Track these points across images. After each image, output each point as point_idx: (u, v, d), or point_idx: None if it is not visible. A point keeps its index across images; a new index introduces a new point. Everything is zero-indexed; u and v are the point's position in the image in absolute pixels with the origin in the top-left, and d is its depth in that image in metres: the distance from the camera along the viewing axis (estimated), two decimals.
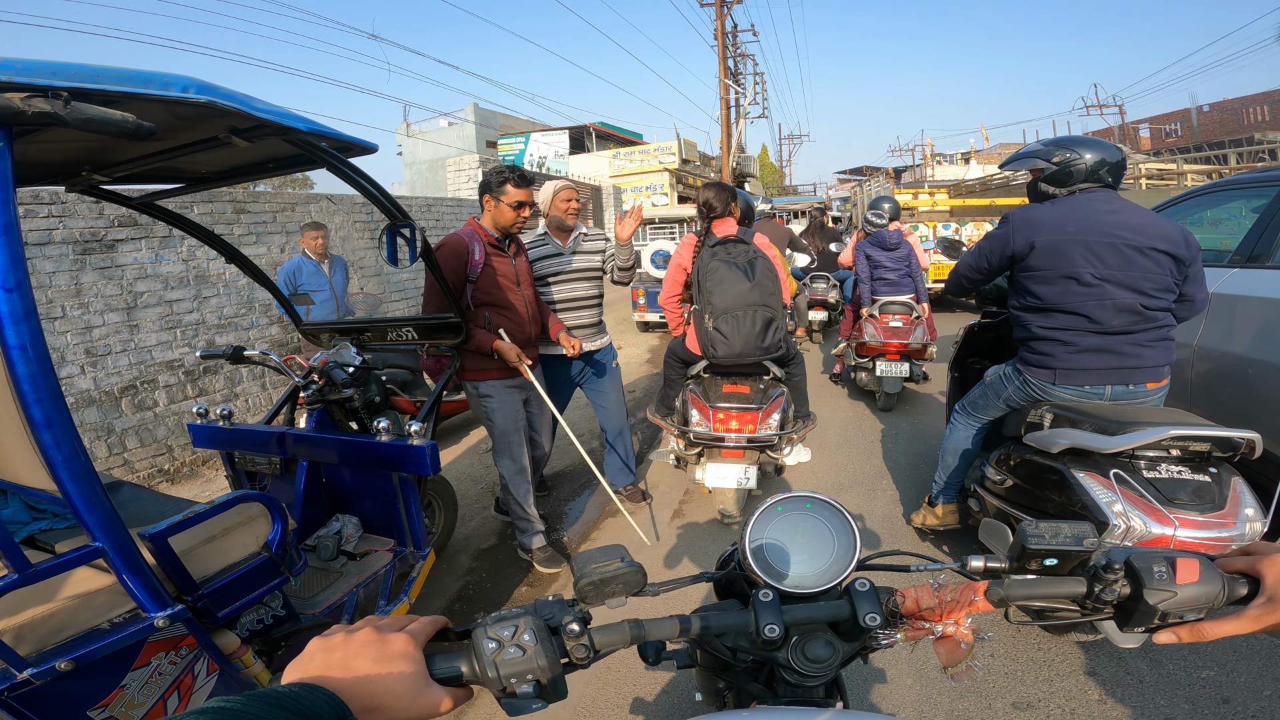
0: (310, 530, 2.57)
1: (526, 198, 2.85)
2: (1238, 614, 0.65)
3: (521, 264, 3.04)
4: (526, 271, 3.07)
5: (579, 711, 2.19)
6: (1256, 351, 2.74)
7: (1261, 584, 0.64)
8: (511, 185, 2.82)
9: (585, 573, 0.72)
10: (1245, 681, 2.11)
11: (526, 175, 2.87)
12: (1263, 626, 0.64)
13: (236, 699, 0.48)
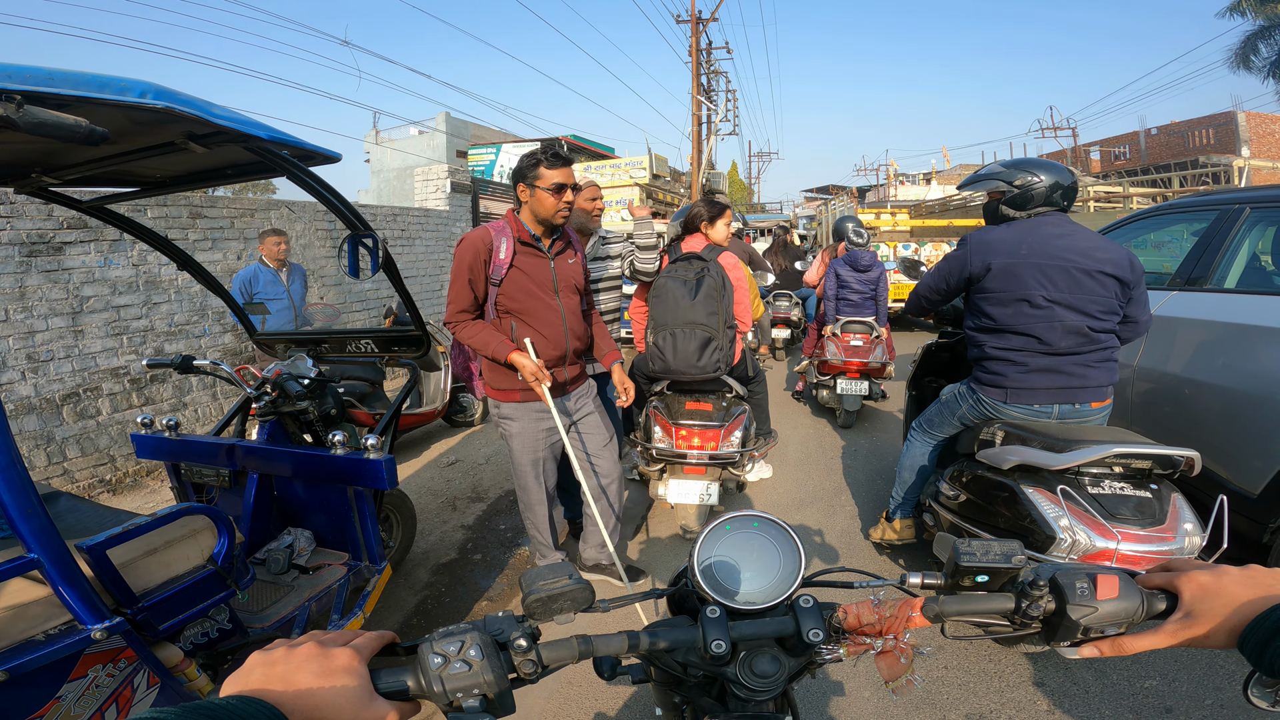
0: (260, 544, 2.52)
1: (566, 179, 2.41)
2: (1156, 628, 0.66)
3: (565, 266, 2.60)
4: (572, 275, 2.62)
5: None
6: (1193, 372, 2.86)
7: (1179, 600, 0.66)
8: (544, 166, 2.39)
9: (533, 589, 0.73)
10: (1187, 691, 2.18)
11: (561, 153, 2.44)
12: (1179, 641, 0.65)
13: (170, 710, 0.47)
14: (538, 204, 2.43)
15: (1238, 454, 2.63)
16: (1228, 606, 0.61)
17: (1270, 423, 2.48)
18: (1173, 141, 24.08)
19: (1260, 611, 0.58)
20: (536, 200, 2.43)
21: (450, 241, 9.11)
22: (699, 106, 21.62)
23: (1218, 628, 0.62)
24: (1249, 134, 21.56)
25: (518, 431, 2.63)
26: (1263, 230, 3.06)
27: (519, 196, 2.48)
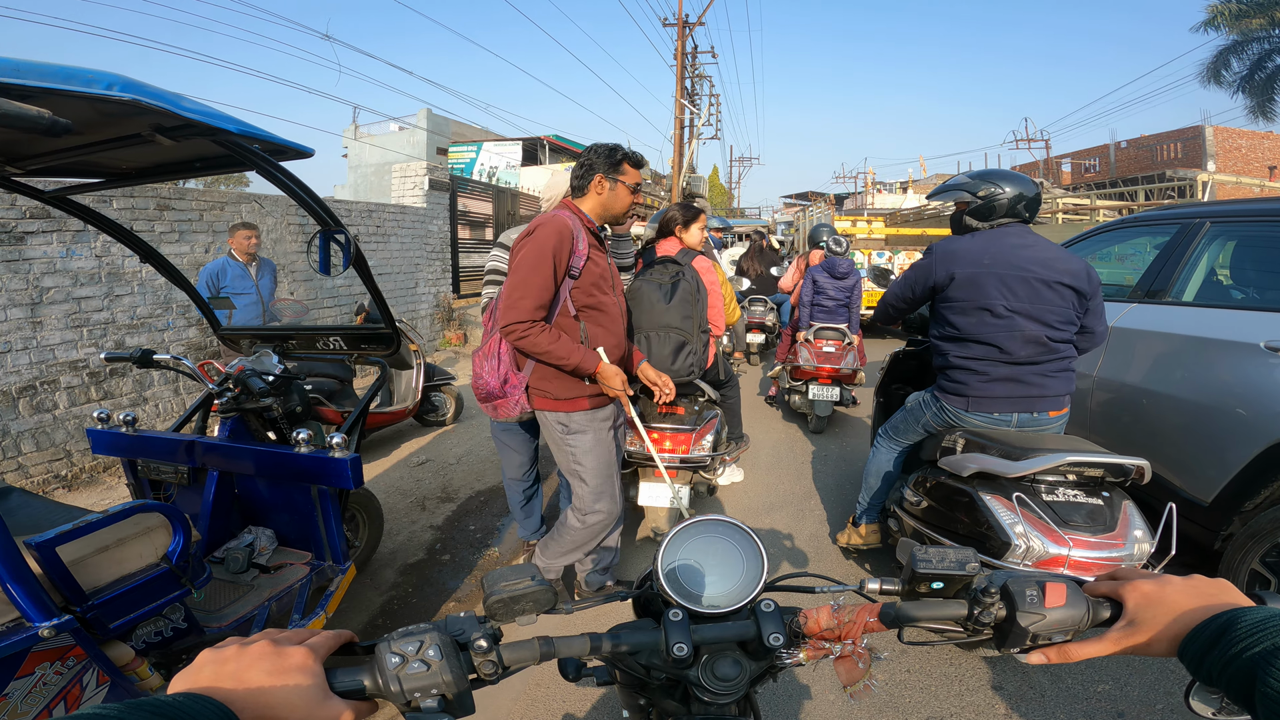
0: (220, 542, 2.47)
1: (641, 182, 2.40)
2: (1100, 636, 0.67)
3: (613, 265, 2.54)
4: (616, 273, 2.56)
5: None
6: (1151, 383, 2.94)
7: (1123, 608, 0.66)
8: (629, 164, 2.34)
9: (495, 590, 0.73)
10: (1138, 696, 2.23)
11: (636, 155, 2.38)
12: (1121, 648, 0.65)
13: (114, 707, 0.47)
14: (614, 199, 2.36)
15: (1192, 463, 2.70)
16: (1169, 615, 0.62)
17: (1223, 433, 2.55)
18: (1141, 155, 24.64)
19: (1200, 621, 0.59)
20: (614, 195, 2.35)
21: (427, 239, 9.02)
22: (682, 110, 21.71)
23: (1159, 636, 0.62)
24: (1216, 149, 22.15)
25: (593, 444, 2.38)
26: (1221, 244, 3.16)
27: (591, 188, 2.34)
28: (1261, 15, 18.03)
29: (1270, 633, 0.53)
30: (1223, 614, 0.57)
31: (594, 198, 2.36)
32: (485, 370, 2.39)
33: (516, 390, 2.36)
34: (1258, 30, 18.56)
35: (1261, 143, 22.73)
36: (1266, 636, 0.52)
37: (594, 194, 2.35)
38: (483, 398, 2.44)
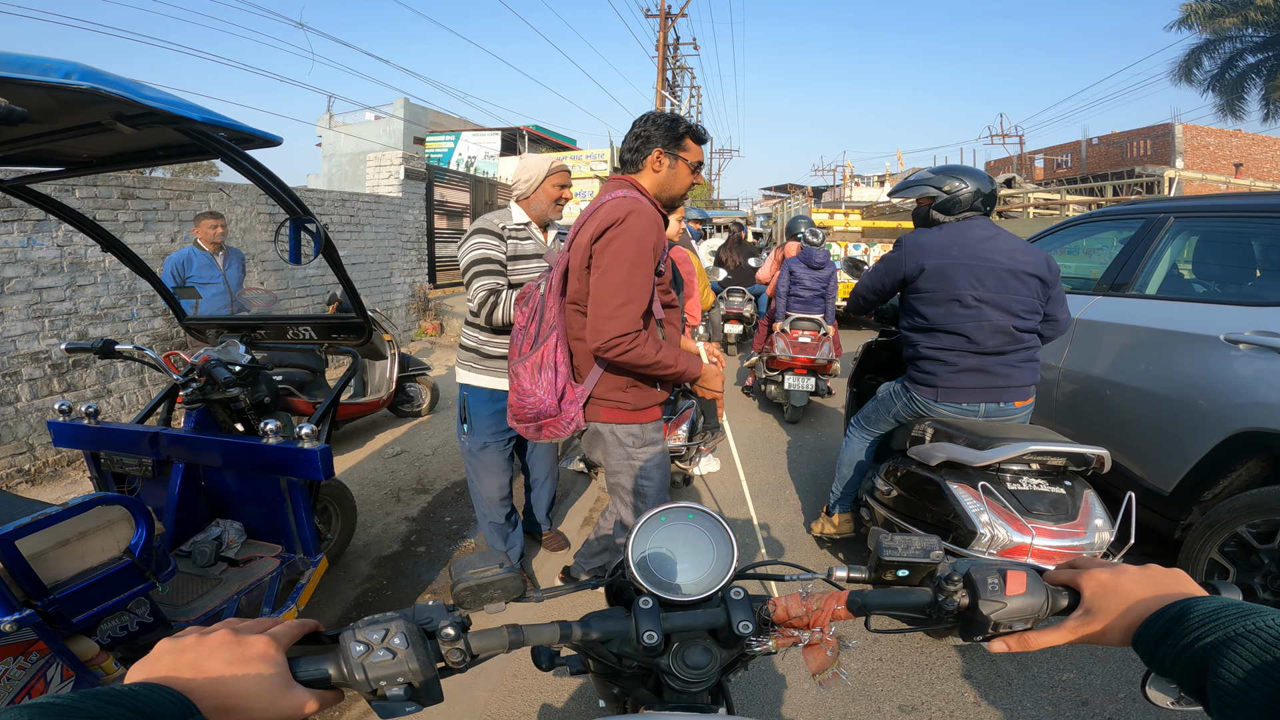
0: (186, 535, 2.44)
1: (703, 161, 2.12)
2: (1058, 625, 0.67)
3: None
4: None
5: (485, 718, 2.15)
6: (1114, 374, 3.00)
7: (1081, 597, 0.67)
8: (691, 139, 2.02)
9: (462, 578, 0.73)
10: (1101, 685, 2.28)
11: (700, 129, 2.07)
12: (1078, 637, 0.66)
13: (69, 696, 0.46)
14: (673, 179, 2.01)
15: (1153, 453, 2.77)
16: (1123, 604, 0.62)
17: (1184, 424, 2.62)
18: (1112, 151, 25.06)
19: (1154, 611, 0.59)
20: (674, 174, 2.01)
21: (402, 229, 8.92)
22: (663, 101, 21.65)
23: (1114, 625, 0.63)
24: (1184, 146, 22.59)
25: (661, 456, 2.12)
26: (1184, 239, 3.23)
27: (648, 164, 2.00)
28: (1235, 14, 18.36)
29: (1222, 623, 0.52)
30: (1176, 604, 0.58)
31: (650, 175, 2.01)
32: (541, 385, 1.94)
33: (575, 405, 1.97)
34: (1230, 29, 18.91)
35: (1229, 140, 23.24)
36: (1219, 627, 0.52)
37: (650, 171, 2.00)
38: (530, 418, 2.00)
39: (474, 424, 2.72)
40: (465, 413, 2.74)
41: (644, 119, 2.01)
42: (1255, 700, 0.47)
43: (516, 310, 2.10)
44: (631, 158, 2.02)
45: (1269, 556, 2.29)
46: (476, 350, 2.66)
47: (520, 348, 2.02)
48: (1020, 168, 28.27)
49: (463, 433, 2.77)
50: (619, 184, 2.00)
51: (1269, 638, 0.49)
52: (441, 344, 8.86)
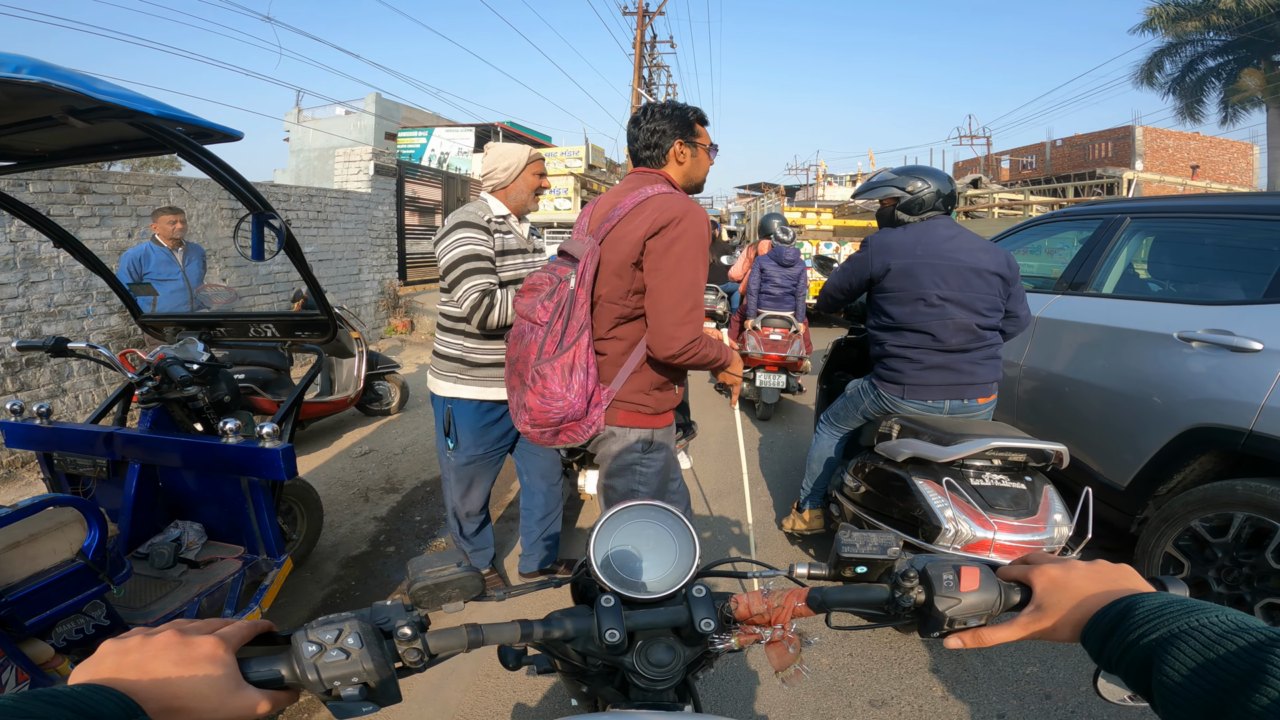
0: (144, 537, 2.39)
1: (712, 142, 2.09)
2: (1011, 621, 0.67)
3: None
4: None
5: (457, 718, 2.14)
6: (1072, 371, 3.07)
7: (1032, 592, 0.67)
8: (700, 124, 1.99)
9: (419, 577, 0.72)
10: (1063, 678, 2.32)
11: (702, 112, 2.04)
12: (1029, 633, 0.65)
13: (10, 697, 0.46)
14: (696, 166, 1.99)
15: (1110, 449, 2.84)
16: (1072, 600, 0.62)
17: (1139, 420, 2.68)
18: (1075, 153, 25.69)
19: (1100, 607, 0.59)
20: (696, 162, 1.98)
21: (372, 225, 8.79)
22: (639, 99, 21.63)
23: (1063, 621, 0.62)
24: (1144, 148, 23.23)
25: (665, 462, 2.03)
26: (1140, 239, 3.31)
27: (672, 157, 1.95)
28: (1197, 18, 18.81)
29: (1166, 619, 0.52)
30: (1122, 600, 0.58)
31: (675, 167, 1.96)
32: (572, 389, 1.80)
33: (599, 408, 1.89)
34: (1192, 33, 19.37)
35: (1187, 143, 23.95)
36: (1163, 623, 0.52)
37: (675, 163, 1.96)
38: (552, 423, 1.85)
39: (461, 439, 2.51)
40: (451, 428, 2.52)
41: (650, 113, 1.96)
42: (1197, 697, 0.47)
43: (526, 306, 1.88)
44: (652, 154, 1.96)
45: (1222, 550, 2.35)
46: (461, 360, 2.44)
47: (543, 347, 1.80)
48: (987, 168, 28.84)
49: (447, 449, 2.56)
50: (650, 178, 1.93)
51: (1211, 635, 0.49)
52: (412, 341, 8.76)
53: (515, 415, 1.93)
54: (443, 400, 2.52)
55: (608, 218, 1.86)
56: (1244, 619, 0.50)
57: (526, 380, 1.83)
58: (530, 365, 1.81)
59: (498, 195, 2.48)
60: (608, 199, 1.94)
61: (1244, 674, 0.45)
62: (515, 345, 1.91)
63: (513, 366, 1.93)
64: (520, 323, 1.89)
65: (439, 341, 2.53)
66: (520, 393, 1.87)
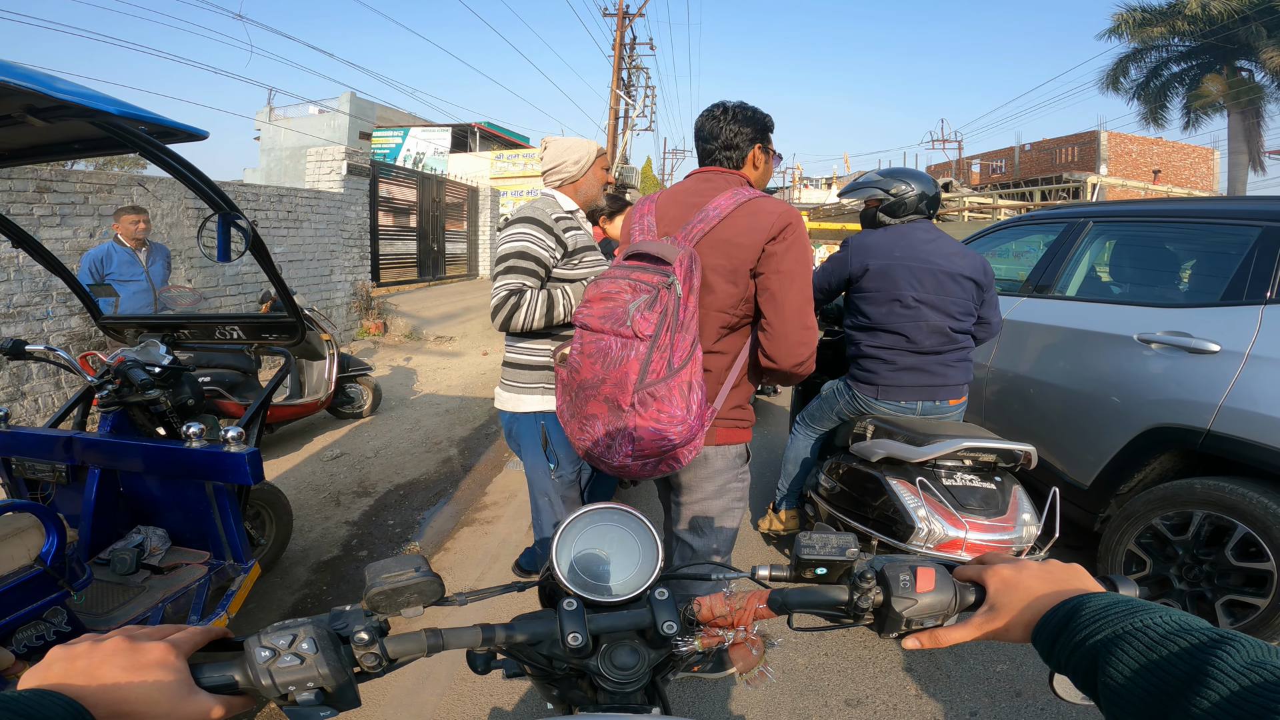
0: (105, 543, 2.34)
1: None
2: (966, 621, 0.67)
3: None
4: None
5: None
6: (1037, 372, 3.13)
7: (986, 592, 0.67)
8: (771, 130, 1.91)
9: (376, 582, 0.71)
10: (1033, 675, 2.34)
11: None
12: (983, 633, 0.65)
13: None
14: (766, 174, 1.92)
15: (1073, 449, 2.89)
16: (1023, 600, 0.62)
17: (1100, 420, 2.74)
18: (1042, 157, 26.26)
19: (1050, 607, 0.59)
20: (767, 170, 1.92)
21: (344, 225, 8.67)
22: (617, 101, 21.63)
23: (1014, 621, 0.63)
24: (1109, 153, 23.81)
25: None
26: (1103, 243, 3.39)
27: (750, 161, 1.85)
28: (1163, 24, 19.23)
29: (1111, 620, 0.53)
30: (1070, 600, 0.58)
31: (751, 171, 1.86)
32: (692, 409, 1.60)
33: (704, 429, 1.71)
34: (1158, 39, 19.81)
35: (1150, 148, 24.60)
36: (1108, 624, 0.52)
37: (751, 167, 1.85)
38: (665, 450, 1.61)
39: (562, 455, 2.26)
40: (547, 446, 2.25)
41: (730, 114, 1.83)
42: (1140, 699, 0.47)
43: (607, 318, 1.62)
44: (731, 155, 1.84)
45: (1182, 548, 2.40)
46: (550, 368, 2.17)
47: (649, 365, 1.57)
48: (958, 172, 29.35)
49: (549, 469, 2.28)
50: (733, 179, 1.81)
51: (1154, 636, 0.49)
52: (385, 344, 8.66)
53: (605, 449, 1.66)
54: (534, 416, 2.22)
55: (698, 219, 1.71)
56: (1187, 620, 0.50)
57: (625, 404, 1.57)
58: (630, 387, 1.56)
59: (566, 190, 2.28)
60: (682, 197, 1.80)
61: (1186, 676, 0.45)
62: (593, 365, 1.62)
63: (593, 391, 1.64)
64: (601, 339, 1.62)
65: (516, 350, 2.25)
66: (614, 420, 1.61)
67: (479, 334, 9.72)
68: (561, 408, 1.81)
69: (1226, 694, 0.42)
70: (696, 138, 1.88)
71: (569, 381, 1.74)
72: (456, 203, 13.50)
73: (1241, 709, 0.41)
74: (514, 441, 2.34)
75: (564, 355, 1.80)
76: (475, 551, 3.29)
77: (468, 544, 3.41)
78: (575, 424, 1.73)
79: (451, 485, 4.22)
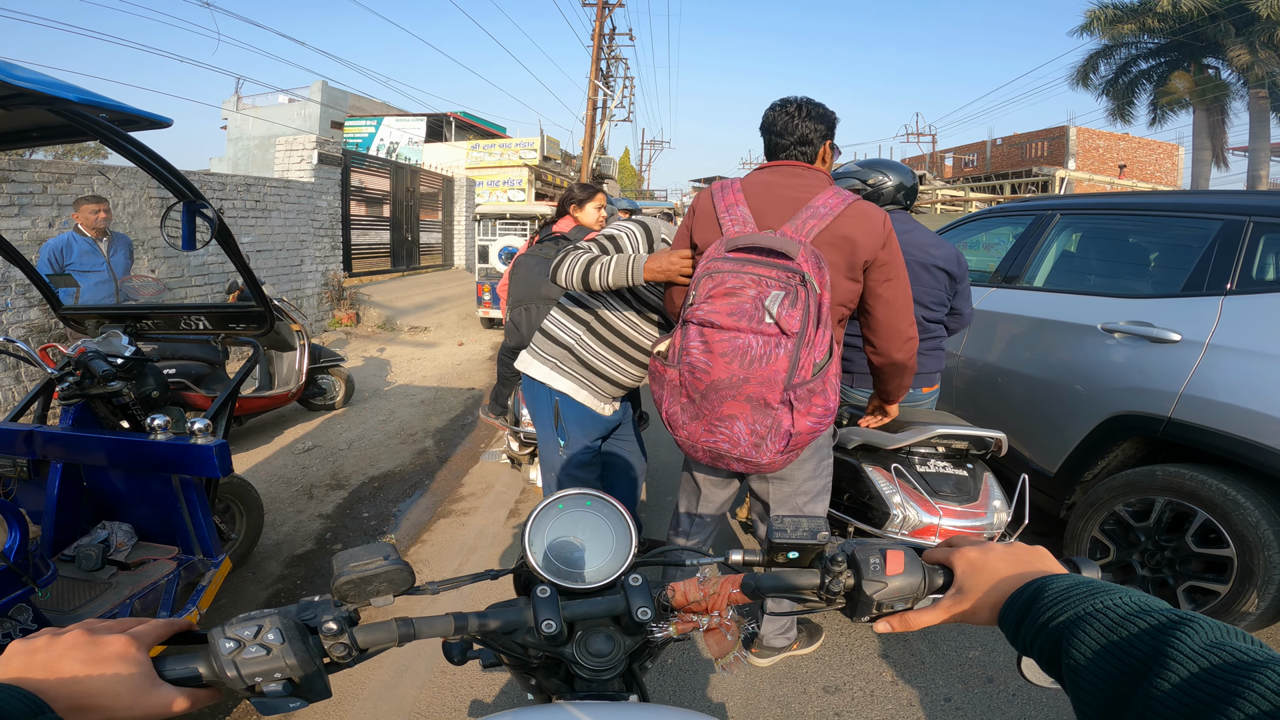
0: (70, 539, 2.29)
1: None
2: (935, 604, 0.67)
3: None
4: None
5: (413, 717, 2.10)
6: (1005, 361, 3.19)
7: (954, 575, 0.67)
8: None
9: (344, 571, 0.70)
10: (1004, 661, 2.39)
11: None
12: (951, 616, 0.65)
13: None
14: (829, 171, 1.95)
15: (1040, 437, 2.95)
16: (989, 582, 0.62)
17: (1065, 408, 2.80)
18: (1013, 152, 26.67)
19: (1014, 589, 0.59)
20: (830, 166, 1.94)
21: (315, 215, 8.53)
22: (596, 91, 21.46)
23: (981, 603, 0.62)
24: (1077, 148, 24.22)
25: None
26: (1069, 235, 3.46)
27: (822, 157, 1.88)
28: (1134, 21, 19.51)
29: (1073, 601, 0.52)
30: (1033, 582, 0.58)
31: (822, 167, 1.89)
32: (832, 399, 1.64)
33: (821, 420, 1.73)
34: (1128, 35, 20.11)
35: (1117, 143, 25.09)
36: (1070, 605, 0.52)
37: (821, 162, 1.88)
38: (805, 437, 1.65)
39: (572, 436, 2.26)
40: (559, 422, 2.24)
41: (801, 109, 1.83)
42: (1103, 681, 0.47)
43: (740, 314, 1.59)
44: (805, 150, 1.84)
45: (1144, 534, 2.46)
46: (571, 351, 2.16)
47: (798, 362, 1.58)
48: (932, 165, 29.69)
49: (558, 446, 2.28)
50: (821, 176, 1.82)
51: (1115, 617, 0.49)
52: (358, 334, 8.55)
53: (750, 448, 1.64)
54: (548, 390, 2.21)
55: (807, 214, 1.70)
56: (1147, 600, 0.50)
57: (775, 402, 1.57)
58: (780, 385, 1.56)
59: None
60: (774, 190, 1.79)
61: (1146, 657, 0.45)
62: (729, 365, 1.59)
63: (731, 392, 1.60)
64: (738, 337, 1.58)
65: (552, 320, 2.26)
66: (760, 419, 1.60)
67: (454, 324, 9.64)
68: (674, 412, 1.73)
69: (1186, 675, 0.42)
70: (768, 131, 1.87)
71: (689, 383, 1.66)
72: (431, 192, 13.35)
73: (1201, 690, 0.41)
74: (530, 404, 2.32)
75: (662, 352, 1.77)
76: (452, 543, 3.28)
77: (445, 535, 3.39)
78: (701, 426, 1.68)
79: (427, 477, 4.19)
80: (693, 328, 1.63)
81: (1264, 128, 18.43)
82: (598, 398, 2.23)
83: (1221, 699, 0.39)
